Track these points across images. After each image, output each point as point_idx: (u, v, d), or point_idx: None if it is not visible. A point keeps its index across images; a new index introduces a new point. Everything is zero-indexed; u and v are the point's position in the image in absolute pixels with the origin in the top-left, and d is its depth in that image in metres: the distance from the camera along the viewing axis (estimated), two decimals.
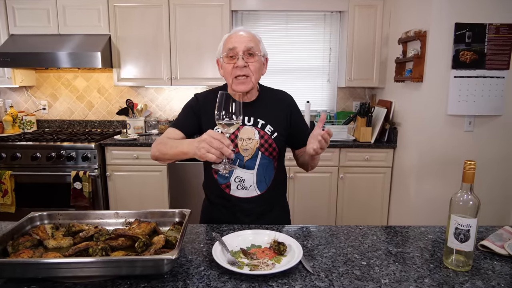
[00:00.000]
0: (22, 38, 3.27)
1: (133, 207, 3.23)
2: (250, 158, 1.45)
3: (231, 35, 1.43)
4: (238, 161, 1.44)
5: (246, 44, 1.38)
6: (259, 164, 1.46)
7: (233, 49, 1.38)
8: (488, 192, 2.73)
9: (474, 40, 2.53)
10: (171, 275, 1.00)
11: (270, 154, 1.47)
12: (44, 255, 1.01)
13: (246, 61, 1.38)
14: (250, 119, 1.47)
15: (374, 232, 1.31)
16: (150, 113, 3.80)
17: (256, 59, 1.40)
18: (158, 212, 1.26)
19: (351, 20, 3.32)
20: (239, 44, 1.38)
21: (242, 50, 1.37)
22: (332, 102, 3.81)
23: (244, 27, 1.46)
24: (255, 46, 1.40)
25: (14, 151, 3.08)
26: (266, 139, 1.46)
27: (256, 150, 1.45)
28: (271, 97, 1.54)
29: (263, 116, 1.48)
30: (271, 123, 1.48)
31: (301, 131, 1.55)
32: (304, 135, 1.50)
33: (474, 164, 1.00)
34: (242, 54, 1.37)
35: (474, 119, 2.66)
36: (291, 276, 0.99)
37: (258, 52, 1.41)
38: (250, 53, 1.38)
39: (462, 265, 1.04)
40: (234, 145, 1.45)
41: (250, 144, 1.45)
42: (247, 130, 1.46)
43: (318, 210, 3.27)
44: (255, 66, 1.40)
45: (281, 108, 1.52)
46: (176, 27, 3.30)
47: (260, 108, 1.49)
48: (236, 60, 1.38)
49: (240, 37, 1.40)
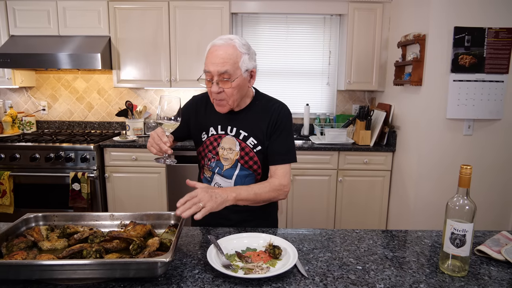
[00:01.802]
0: (22, 39, 3.28)
1: (131, 208, 3.22)
2: (229, 168, 1.45)
3: (211, 50, 1.33)
4: (218, 169, 1.46)
5: (219, 68, 1.28)
6: (237, 175, 1.45)
7: (208, 72, 1.32)
8: (487, 197, 2.73)
9: (473, 44, 2.52)
10: (165, 278, 0.99)
11: (250, 167, 1.44)
12: (38, 257, 1.01)
13: (220, 86, 1.31)
14: (232, 130, 1.44)
15: (370, 236, 1.31)
16: (150, 114, 3.80)
17: (232, 84, 1.31)
18: (154, 215, 1.26)
19: (351, 24, 3.32)
20: (213, 67, 1.29)
21: (216, 74, 1.30)
22: (332, 105, 3.81)
23: (226, 39, 1.33)
24: (230, 68, 1.29)
25: (13, 151, 3.08)
26: (247, 152, 1.43)
27: (236, 161, 1.44)
28: (262, 108, 1.46)
29: (247, 128, 1.43)
30: (254, 136, 1.42)
31: (274, 147, 1.43)
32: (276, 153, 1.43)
33: (470, 168, 1.00)
34: (217, 78, 1.30)
35: (473, 123, 2.65)
36: (286, 280, 0.99)
37: (235, 74, 1.30)
38: (224, 78, 1.30)
39: (458, 270, 1.03)
40: (215, 153, 1.45)
41: (230, 154, 1.44)
42: (229, 140, 1.44)
43: (317, 213, 3.26)
44: (231, 90, 1.32)
45: (267, 120, 1.43)
46: (176, 29, 3.30)
47: (246, 119, 1.44)
48: (211, 84, 1.32)
49: (215, 58, 1.30)
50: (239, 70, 1.31)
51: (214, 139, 1.46)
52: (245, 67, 1.33)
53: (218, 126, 1.46)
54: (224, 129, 1.45)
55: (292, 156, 1.45)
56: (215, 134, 1.46)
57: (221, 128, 1.46)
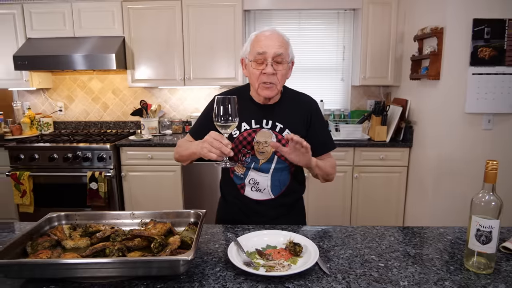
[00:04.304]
0: (39, 41, 3.34)
1: (148, 207, 3.26)
2: (266, 162, 1.44)
3: (261, 36, 1.36)
4: (253, 164, 1.44)
5: (276, 50, 1.32)
6: (274, 168, 1.45)
7: (262, 53, 1.32)
8: (509, 192, 2.66)
9: (493, 36, 2.46)
10: (187, 276, 1.00)
11: (287, 159, 1.45)
12: (62, 256, 1.02)
13: (274, 68, 1.33)
14: (268, 122, 1.45)
15: (391, 233, 1.29)
16: (164, 113, 3.82)
17: (284, 66, 1.36)
18: (173, 213, 1.26)
19: (365, 18, 3.28)
20: (269, 49, 1.32)
21: (272, 56, 1.32)
22: (346, 100, 3.77)
23: (274, 28, 1.38)
24: (284, 52, 1.34)
25: (32, 152, 3.14)
26: (283, 144, 1.42)
27: (272, 154, 1.43)
28: (293, 101, 1.50)
29: (282, 120, 1.45)
30: (289, 128, 1.45)
31: (317, 138, 1.48)
32: (320, 143, 1.49)
33: (496, 163, 0.97)
34: (271, 60, 1.32)
35: (493, 117, 2.59)
36: (308, 277, 0.98)
37: (286, 58, 1.36)
38: (278, 61, 1.33)
39: (484, 268, 1.01)
40: (250, 148, 1.44)
41: (266, 147, 1.43)
42: (265, 133, 1.44)
43: (333, 210, 3.24)
44: (282, 74, 1.36)
45: (302, 112, 1.48)
46: (189, 27, 3.31)
47: (280, 112, 1.47)
48: (264, 66, 1.33)
49: (270, 41, 1.33)
50: (288, 57, 1.38)
51: (248, 134, 1.45)
52: (291, 55, 1.40)
53: (251, 120, 1.45)
54: (258, 122, 1.45)
55: (332, 143, 1.55)
56: (248, 129, 1.45)
57: (255, 122, 1.45)
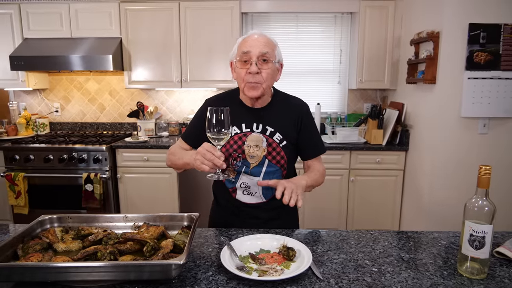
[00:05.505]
0: (36, 41, 3.33)
1: (143, 209, 3.24)
2: (257, 165, 1.43)
3: (247, 38, 1.39)
4: (244, 168, 1.44)
5: (260, 49, 1.34)
6: (265, 172, 1.44)
7: (247, 53, 1.34)
8: (504, 197, 2.67)
9: (489, 41, 2.47)
10: (179, 280, 0.99)
11: (278, 162, 1.44)
12: (53, 259, 1.01)
13: (259, 67, 1.34)
14: (258, 126, 1.45)
15: (385, 237, 1.29)
16: (161, 115, 3.82)
17: (270, 66, 1.36)
18: (167, 216, 1.26)
19: (362, 22, 3.29)
20: (253, 48, 1.34)
21: (256, 55, 1.33)
22: (343, 104, 3.77)
23: (261, 31, 1.41)
24: (270, 51, 1.36)
25: (27, 153, 3.13)
26: (274, 147, 1.43)
27: (263, 158, 1.43)
28: (283, 104, 1.50)
29: (272, 124, 1.45)
30: (280, 131, 1.44)
31: (308, 141, 1.50)
32: (311, 147, 1.51)
33: (489, 168, 0.97)
34: (256, 59, 1.34)
35: (489, 121, 2.60)
36: (301, 282, 0.98)
37: (272, 58, 1.37)
38: (264, 59, 1.34)
39: (477, 273, 1.01)
40: (241, 152, 1.43)
41: (257, 151, 1.43)
42: (255, 137, 1.44)
43: (329, 213, 3.24)
44: (268, 73, 1.36)
45: (292, 115, 1.48)
46: (186, 29, 3.31)
47: (271, 115, 1.46)
48: (249, 66, 1.34)
49: (255, 41, 1.35)
50: (274, 57, 1.39)
51: (238, 137, 1.44)
52: (278, 56, 1.42)
53: (241, 124, 1.45)
54: (249, 126, 1.45)
55: (323, 147, 1.56)
56: (239, 132, 1.44)
57: (246, 126, 1.45)
